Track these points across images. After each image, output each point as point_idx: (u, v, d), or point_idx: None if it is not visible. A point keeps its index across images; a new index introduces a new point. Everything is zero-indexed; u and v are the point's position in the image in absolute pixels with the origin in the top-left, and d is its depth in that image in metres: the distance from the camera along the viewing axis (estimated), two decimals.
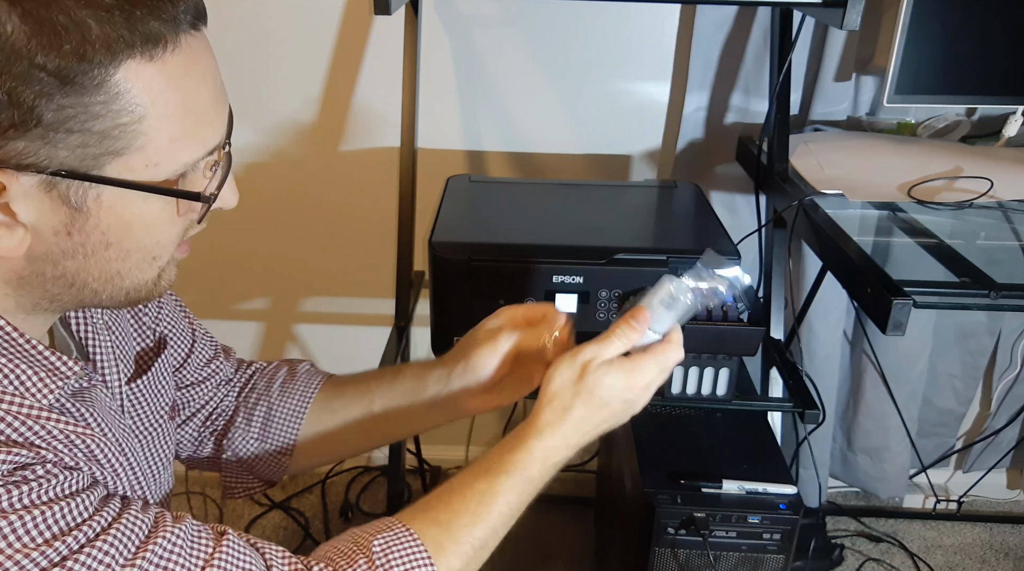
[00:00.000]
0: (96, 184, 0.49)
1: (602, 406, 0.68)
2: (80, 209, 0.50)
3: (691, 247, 1.06)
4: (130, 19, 0.46)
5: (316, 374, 0.85)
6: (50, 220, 0.49)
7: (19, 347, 0.54)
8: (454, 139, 1.49)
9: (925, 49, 1.14)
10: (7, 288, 0.53)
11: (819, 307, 1.46)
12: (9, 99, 0.44)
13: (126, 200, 0.51)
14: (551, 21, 1.38)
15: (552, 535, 1.74)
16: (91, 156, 0.48)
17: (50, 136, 0.46)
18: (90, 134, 0.47)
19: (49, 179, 0.47)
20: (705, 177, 1.46)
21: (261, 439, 0.82)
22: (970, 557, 1.72)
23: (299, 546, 1.72)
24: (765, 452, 1.18)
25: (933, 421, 1.72)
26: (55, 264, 0.52)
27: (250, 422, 0.82)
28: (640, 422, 1.24)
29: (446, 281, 1.05)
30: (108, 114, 0.47)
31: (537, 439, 0.68)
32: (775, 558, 1.08)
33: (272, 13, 1.38)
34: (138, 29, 0.46)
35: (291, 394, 0.82)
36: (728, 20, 1.33)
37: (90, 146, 0.47)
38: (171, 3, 0.48)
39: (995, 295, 0.87)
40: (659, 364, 0.69)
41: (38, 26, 0.43)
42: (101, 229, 0.51)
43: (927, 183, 1.15)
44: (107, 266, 0.54)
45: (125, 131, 0.48)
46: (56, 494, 0.51)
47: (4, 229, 0.48)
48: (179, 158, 0.51)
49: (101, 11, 0.45)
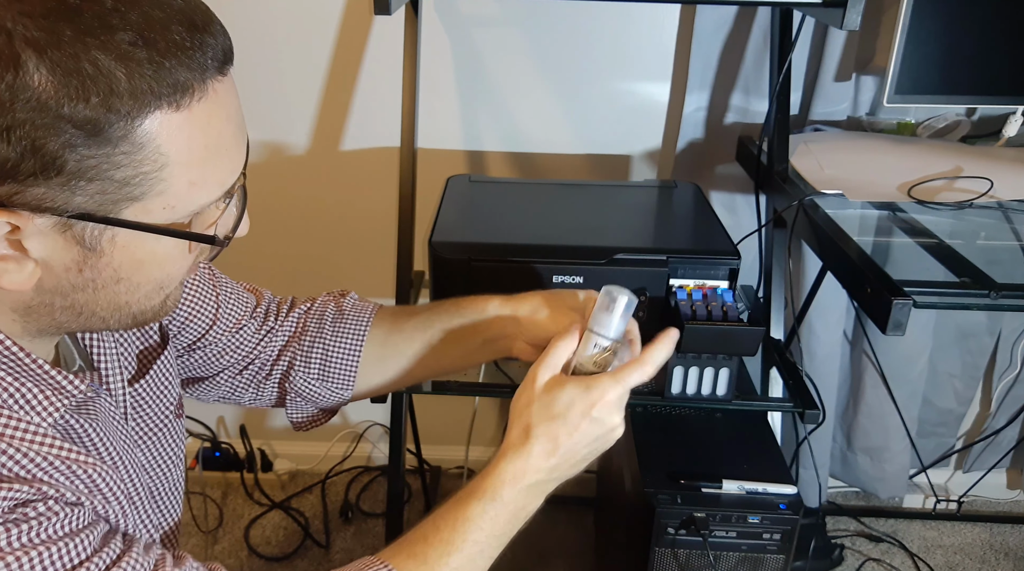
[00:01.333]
0: (112, 226, 0.48)
1: (563, 422, 0.67)
2: (94, 249, 0.49)
3: (691, 247, 1.06)
4: (159, 70, 0.45)
5: (364, 309, 0.85)
6: (62, 257, 0.49)
7: (24, 365, 0.54)
8: (454, 139, 1.49)
9: (925, 49, 1.14)
10: (14, 315, 0.53)
11: (819, 307, 1.46)
12: (33, 148, 0.43)
13: (140, 240, 0.50)
14: (551, 21, 1.38)
15: (552, 535, 1.74)
16: (110, 201, 0.47)
17: (71, 184, 0.45)
18: (111, 182, 0.46)
19: (65, 221, 0.47)
20: (705, 177, 1.46)
21: (322, 379, 0.83)
22: (970, 557, 1.72)
23: (299, 546, 1.72)
24: (765, 452, 1.18)
25: (933, 421, 1.72)
26: (64, 296, 0.52)
27: (308, 365, 0.82)
28: (640, 422, 1.25)
29: (446, 281, 1.05)
30: (131, 163, 0.46)
31: (504, 461, 0.67)
32: (775, 558, 1.08)
33: (272, 13, 1.38)
34: (166, 80, 0.45)
35: (344, 333, 0.83)
36: (728, 20, 1.33)
37: (109, 192, 0.47)
38: (200, 50, 0.47)
39: (995, 295, 0.87)
40: (616, 378, 0.67)
41: (66, 77, 0.42)
42: (113, 266, 0.51)
43: (927, 183, 1.15)
44: (116, 298, 0.53)
45: (146, 178, 0.47)
46: (56, 533, 0.50)
47: (14, 264, 0.48)
48: (197, 200, 0.51)
49: (130, 62, 0.43)
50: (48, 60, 0.41)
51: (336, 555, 1.71)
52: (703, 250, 1.05)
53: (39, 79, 0.41)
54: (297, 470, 1.92)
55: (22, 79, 0.41)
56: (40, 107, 0.42)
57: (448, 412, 1.83)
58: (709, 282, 1.04)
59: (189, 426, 1.87)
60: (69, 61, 0.42)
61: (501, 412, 1.79)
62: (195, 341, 0.79)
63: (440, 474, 1.88)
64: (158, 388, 0.72)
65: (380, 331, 0.83)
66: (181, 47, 0.46)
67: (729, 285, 1.04)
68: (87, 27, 0.42)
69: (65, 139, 0.43)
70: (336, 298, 0.87)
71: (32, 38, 0.41)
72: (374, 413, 1.87)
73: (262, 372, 0.83)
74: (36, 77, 0.41)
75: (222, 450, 1.87)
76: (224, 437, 1.91)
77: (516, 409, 0.69)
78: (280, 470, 1.92)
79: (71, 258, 0.49)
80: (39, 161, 0.43)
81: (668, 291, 1.03)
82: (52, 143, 0.43)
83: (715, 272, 1.03)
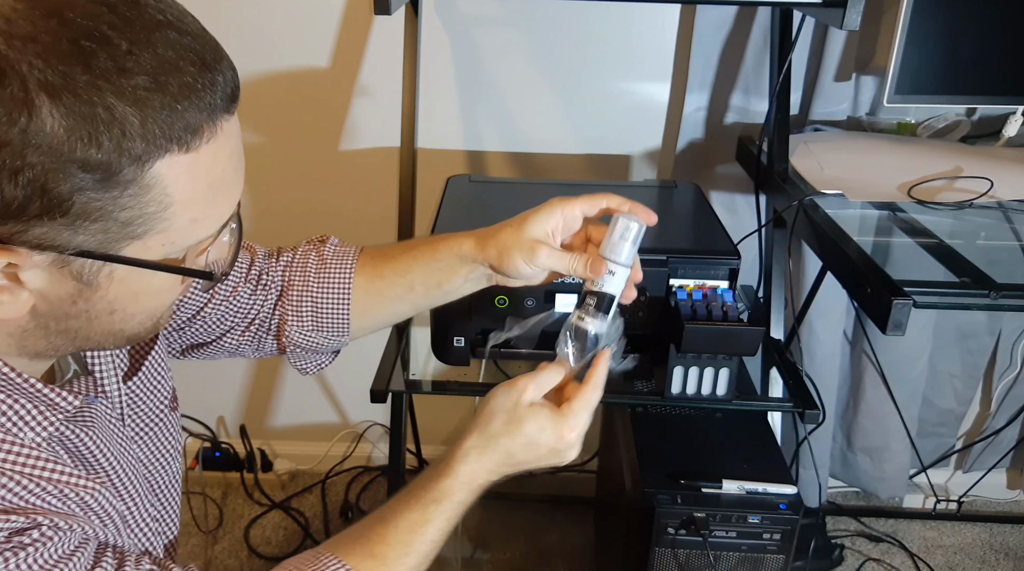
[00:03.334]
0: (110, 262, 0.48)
1: (528, 444, 0.68)
2: (90, 284, 0.49)
3: (691, 247, 1.06)
4: (172, 114, 0.44)
5: (346, 255, 0.84)
6: (57, 290, 0.49)
7: (15, 384, 0.54)
8: (454, 139, 1.49)
9: (925, 49, 1.14)
10: (10, 339, 0.53)
11: (819, 307, 1.46)
12: (41, 190, 0.42)
13: (137, 275, 0.50)
14: (551, 21, 1.38)
15: (552, 535, 1.74)
16: (111, 240, 0.47)
17: (75, 224, 0.45)
18: (115, 222, 0.46)
19: (64, 257, 0.47)
20: (705, 177, 1.46)
21: (316, 330, 0.83)
22: (970, 557, 1.72)
23: (299, 546, 1.72)
24: (765, 452, 1.18)
25: (933, 421, 1.72)
26: (58, 321, 0.52)
27: (301, 319, 0.83)
28: (640, 422, 1.25)
29: None
30: (137, 205, 0.46)
31: (463, 463, 0.68)
32: (775, 558, 1.08)
33: (272, 13, 1.38)
34: (179, 123, 0.45)
35: (329, 284, 0.83)
36: (728, 20, 1.33)
37: (111, 232, 0.46)
38: (210, 90, 0.46)
39: (995, 295, 0.87)
40: (589, 410, 0.70)
41: (79, 122, 0.41)
42: (108, 299, 0.51)
43: (927, 183, 1.15)
44: (110, 326, 0.54)
45: (150, 218, 0.47)
46: (51, 557, 0.51)
47: (8, 295, 0.48)
48: (196, 235, 0.51)
49: (144, 106, 0.43)
50: (62, 105, 0.41)
51: None
52: (703, 250, 1.05)
53: (52, 123, 0.41)
54: (297, 470, 1.92)
55: (35, 123, 0.41)
56: (51, 151, 0.41)
57: (448, 412, 1.84)
58: (709, 282, 1.04)
59: (189, 426, 1.87)
60: (83, 106, 0.41)
61: None
62: (194, 314, 0.79)
63: None
64: (152, 383, 0.72)
65: (363, 278, 0.83)
66: (193, 89, 0.45)
67: (729, 285, 1.04)
68: (102, 71, 0.42)
69: (74, 183, 0.43)
70: (316, 246, 0.86)
71: (46, 82, 0.41)
72: (374, 413, 1.87)
73: (261, 329, 0.84)
74: (49, 121, 0.41)
75: (222, 450, 1.87)
76: (224, 437, 1.91)
77: (488, 410, 0.70)
78: (280, 470, 1.92)
79: (66, 291, 0.49)
80: (46, 203, 0.43)
81: (668, 291, 1.03)
82: (61, 186, 0.43)
83: (715, 272, 1.03)
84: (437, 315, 1.09)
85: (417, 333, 1.28)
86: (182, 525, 1.74)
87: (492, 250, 0.76)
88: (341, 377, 1.83)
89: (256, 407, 1.88)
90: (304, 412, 1.88)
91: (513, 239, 0.75)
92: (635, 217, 0.73)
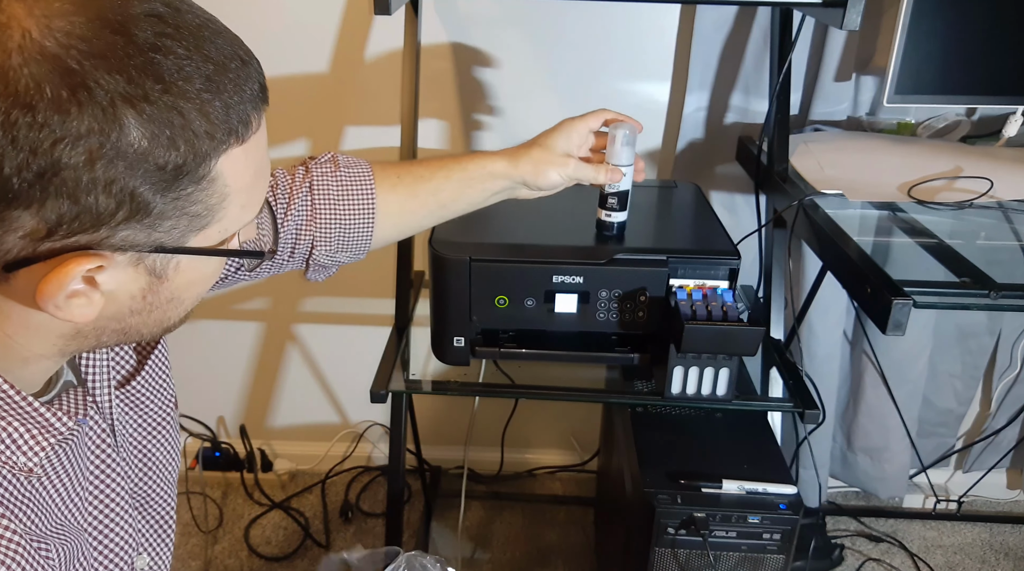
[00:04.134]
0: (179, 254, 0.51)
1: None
2: (161, 277, 0.52)
3: (691, 247, 1.07)
4: (229, 110, 0.48)
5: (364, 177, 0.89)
6: (129, 287, 0.51)
7: (12, 402, 0.53)
8: (454, 139, 1.49)
9: (925, 49, 1.14)
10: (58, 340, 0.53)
11: (819, 307, 1.46)
12: (130, 197, 0.45)
13: (197, 262, 0.53)
14: (551, 21, 1.38)
15: (552, 535, 1.74)
16: (182, 233, 0.50)
17: (155, 223, 0.48)
18: (187, 216, 0.49)
19: (139, 255, 0.49)
20: (705, 177, 1.46)
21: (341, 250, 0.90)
22: (970, 557, 1.73)
23: (299, 546, 1.72)
24: (765, 452, 1.18)
25: (933, 421, 1.72)
26: (120, 321, 0.53)
27: (329, 244, 0.88)
28: (640, 422, 1.25)
29: (446, 281, 1.05)
30: (204, 198, 0.49)
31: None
32: (775, 558, 1.08)
33: (272, 13, 1.38)
34: (235, 118, 0.48)
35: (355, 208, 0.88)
36: (728, 20, 1.33)
37: (183, 226, 0.49)
38: (250, 83, 0.50)
39: (995, 295, 0.87)
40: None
41: (159, 129, 0.44)
42: (171, 289, 0.53)
43: (927, 183, 1.15)
44: (164, 317, 0.56)
45: (213, 209, 0.50)
46: None
47: (84, 298, 0.49)
48: (243, 219, 0.54)
49: (207, 106, 0.46)
50: (143, 115, 0.44)
51: None
52: (703, 250, 1.05)
53: (136, 134, 0.44)
54: (297, 470, 1.92)
55: (123, 135, 0.43)
56: (138, 159, 0.44)
57: (448, 412, 1.84)
58: (709, 282, 1.04)
59: (189, 426, 1.88)
60: (160, 114, 0.44)
61: (500, 412, 1.79)
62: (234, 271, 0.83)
63: (440, 474, 1.88)
64: (156, 381, 0.72)
65: (396, 197, 0.90)
66: (238, 83, 0.49)
67: (729, 285, 1.04)
68: (170, 78, 0.45)
69: (157, 186, 0.46)
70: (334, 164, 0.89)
71: (127, 95, 0.43)
72: (374, 413, 1.87)
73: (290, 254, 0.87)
74: (134, 133, 0.44)
75: (222, 450, 1.87)
76: (224, 437, 1.91)
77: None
78: (280, 470, 1.92)
79: (138, 287, 0.51)
80: (133, 208, 0.46)
81: (668, 291, 1.03)
82: (146, 191, 0.46)
83: (715, 272, 1.03)
84: (437, 314, 1.09)
85: (417, 333, 1.28)
86: (182, 525, 1.75)
87: (527, 166, 0.92)
88: (341, 377, 1.83)
89: (256, 407, 1.88)
90: (304, 412, 1.88)
91: (546, 156, 0.92)
92: (629, 125, 0.96)
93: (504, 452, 1.87)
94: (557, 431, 1.88)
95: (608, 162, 0.98)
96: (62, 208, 0.44)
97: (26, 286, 0.48)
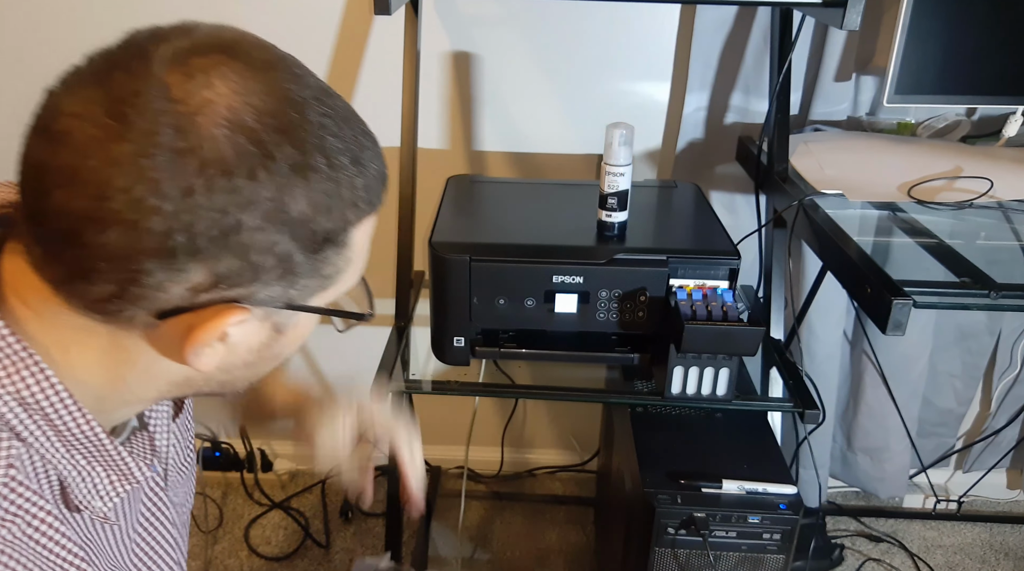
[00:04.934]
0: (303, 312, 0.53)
1: None
2: (281, 332, 0.53)
3: (691, 247, 1.07)
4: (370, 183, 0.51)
5: None
6: (251, 340, 0.52)
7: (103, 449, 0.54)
8: (454, 139, 1.49)
9: (925, 49, 1.14)
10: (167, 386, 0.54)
11: (819, 307, 1.46)
12: (286, 257, 0.48)
13: (310, 321, 0.55)
14: (551, 21, 1.38)
15: (552, 535, 1.74)
16: (311, 293, 0.52)
17: (297, 282, 0.50)
18: (319, 277, 0.51)
19: (273, 310, 0.51)
20: (705, 177, 1.46)
21: None
22: (970, 557, 1.73)
23: (299, 546, 1.72)
24: (765, 452, 1.18)
25: (933, 421, 1.72)
26: (229, 372, 0.54)
27: None
28: (640, 422, 1.25)
29: (446, 281, 1.05)
30: (336, 261, 0.51)
31: None
32: (775, 558, 1.08)
33: (272, 13, 1.38)
34: (372, 190, 0.51)
35: None
36: (728, 20, 1.33)
37: (312, 286, 0.51)
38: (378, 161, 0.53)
39: (995, 295, 0.87)
40: None
41: (321, 198, 0.47)
42: (282, 345, 0.55)
43: (927, 183, 1.15)
44: (262, 371, 0.57)
45: (340, 271, 0.52)
46: None
47: (210, 349, 0.50)
48: (352, 282, 0.56)
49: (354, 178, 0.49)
50: (310, 186, 0.47)
51: (336, 555, 1.71)
52: (703, 250, 1.05)
53: (303, 202, 0.47)
54: (297, 470, 1.92)
55: (295, 203, 0.46)
56: (300, 224, 0.47)
57: (448, 412, 1.83)
58: (709, 282, 1.04)
59: None
60: (323, 185, 0.47)
61: (501, 412, 1.79)
62: None
63: (440, 474, 1.88)
64: (188, 420, 0.72)
65: None
66: (373, 160, 0.52)
67: (729, 285, 1.04)
68: (331, 153, 0.48)
69: (308, 248, 0.49)
70: None
71: (302, 165, 0.46)
72: None
73: None
74: (303, 201, 0.47)
75: (222, 450, 1.87)
76: (224, 437, 1.91)
77: None
78: (280, 470, 1.92)
79: (258, 340, 0.53)
80: (286, 268, 0.48)
81: (668, 291, 1.03)
82: (298, 253, 0.48)
83: (715, 272, 1.03)
84: (437, 314, 1.09)
85: (417, 333, 1.28)
86: None
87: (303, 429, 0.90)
88: (341, 377, 1.83)
89: None
90: None
91: None
92: (623, 123, 1.03)
93: (504, 452, 1.87)
94: (557, 431, 1.88)
95: (606, 162, 1.03)
96: (232, 265, 0.46)
97: (168, 334, 0.49)
